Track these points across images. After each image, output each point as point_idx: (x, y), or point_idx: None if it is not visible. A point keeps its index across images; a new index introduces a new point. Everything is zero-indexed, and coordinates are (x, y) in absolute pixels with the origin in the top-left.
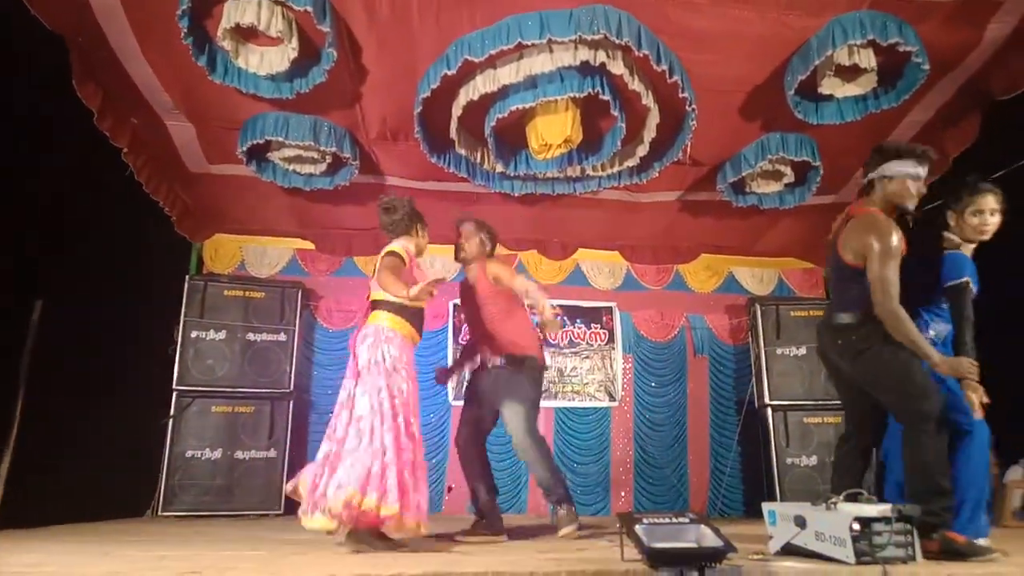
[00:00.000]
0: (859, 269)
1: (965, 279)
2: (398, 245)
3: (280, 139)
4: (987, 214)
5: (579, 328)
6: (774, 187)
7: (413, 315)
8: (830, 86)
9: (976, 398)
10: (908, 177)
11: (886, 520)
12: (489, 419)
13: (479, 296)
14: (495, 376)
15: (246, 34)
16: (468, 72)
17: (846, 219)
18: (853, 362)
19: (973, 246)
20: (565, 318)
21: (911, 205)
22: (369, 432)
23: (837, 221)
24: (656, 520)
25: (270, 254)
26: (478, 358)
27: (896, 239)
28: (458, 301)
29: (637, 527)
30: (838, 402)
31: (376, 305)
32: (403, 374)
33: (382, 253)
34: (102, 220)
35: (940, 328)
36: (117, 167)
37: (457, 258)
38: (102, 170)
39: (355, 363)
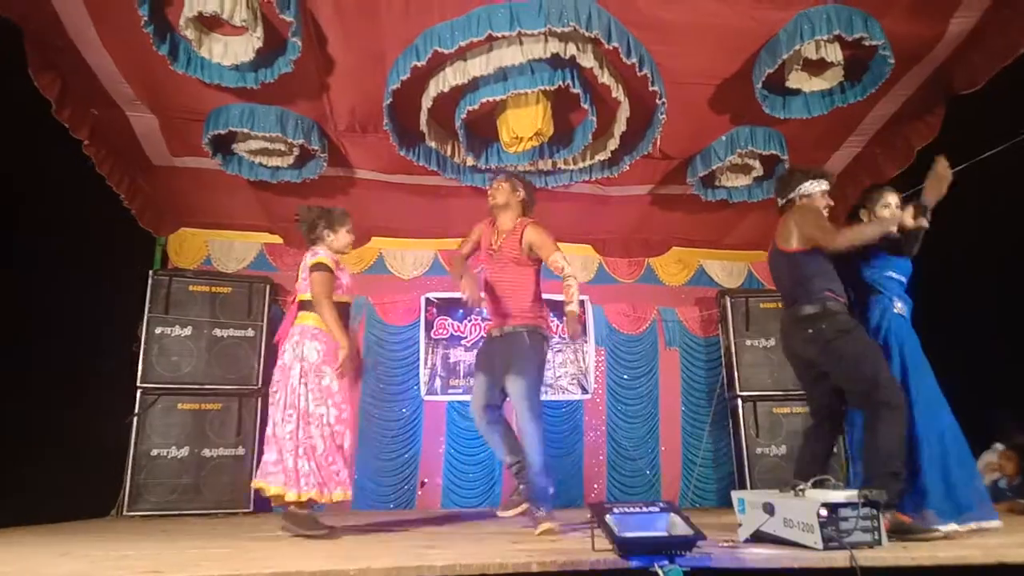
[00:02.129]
0: (806, 252)
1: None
2: (322, 255)
3: (245, 130)
4: (894, 207)
5: (552, 322)
6: (743, 180)
7: (337, 311)
8: (797, 80)
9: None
10: (821, 192)
11: (853, 505)
12: (499, 391)
13: (503, 256)
14: (503, 343)
15: (209, 23)
16: (438, 63)
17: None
18: (821, 351)
19: None
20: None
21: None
22: (294, 424)
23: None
24: (627, 510)
25: (237, 248)
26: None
27: (818, 210)
28: (430, 295)
29: (608, 517)
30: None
31: (303, 306)
32: (328, 368)
33: (309, 263)
34: (61, 214)
35: (902, 305)
36: (76, 159)
37: (490, 207)
38: (60, 162)
39: (281, 361)
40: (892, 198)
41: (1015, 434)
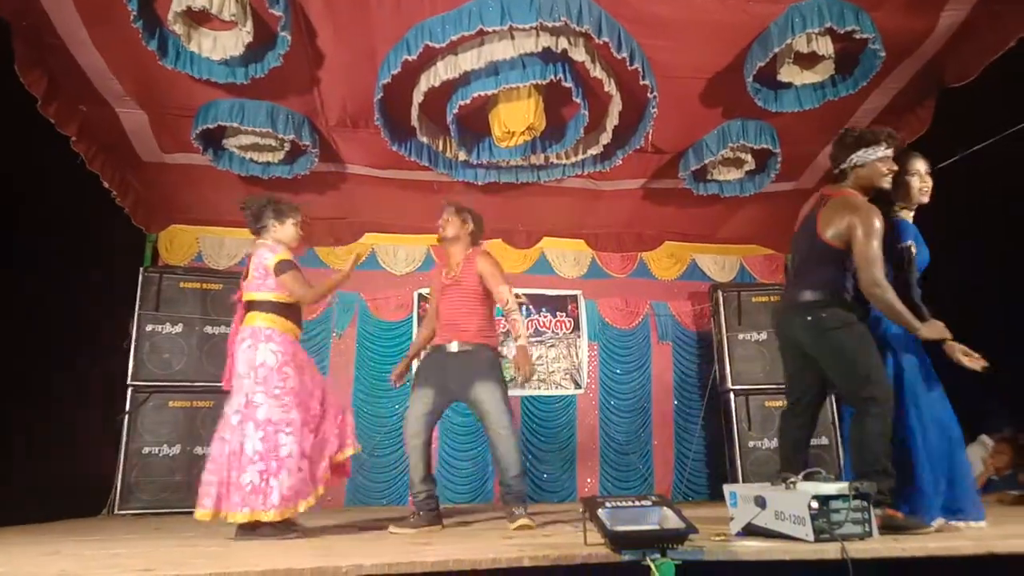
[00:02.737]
0: (838, 249)
1: (908, 243)
2: (280, 251)
3: (235, 125)
4: (920, 175)
5: (544, 316)
6: (735, 174)
7: (290, 312)
8: (789, 74)
9: (962, 355)
10: (879, 160)
11: (844, 497)
12: (444, 406)
13: (460, 287)
14: (463, 358)
15: (198, 18)
16: (429, 58)
17: (821, 201)
18: (817, 339)
19: (913, 212)
20: (530, 306)
21: (886, 185)
22: (252, 436)
23: (808, 204)
24: (619, 504)
25: (228, 245)
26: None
27: (879, 220)
28: (424, 291)
29: (600, 511)
30: None
31: (251, 306)
32: (287, 370)
33: (269, 263)
34: (50, 211)
35: None
36: (66, 156)
37: (439, 238)
38: (50, 159)
39: (234, 366)
40: (920, 165)
41: (1004, 425)
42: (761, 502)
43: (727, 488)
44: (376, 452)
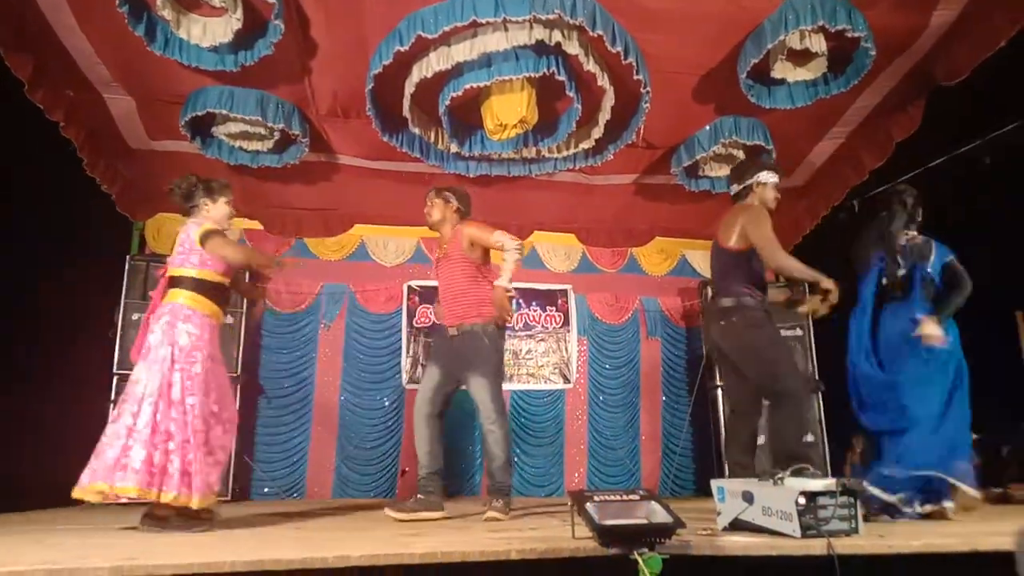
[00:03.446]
0: (741, 251)
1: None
2: (207, 224)
3: (224, 112)
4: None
5: (534, 311)
6: (726, 171)
7: (215, 292)
8: (782, 70)
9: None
10: (773, 184)
11: (831, 494)
12: (451, 386)
13: (450, 260)
14: (460, 342)
15: (187, 3)
16: (421, 49)
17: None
18: (733, 343)
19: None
20: (520, 300)
21: (773, 207)
22: (152, 416)
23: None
24: (607, 498)
25: None
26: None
27: (764, 213)
28: (412, 283)
29: (588, 505)
30: None
31: (174, 282)
32: (199, 355)
33: (195, 235)
34: (36, 197)
35: None
36: (51, 141)
37: (428, 225)
38: (34, 144)
39: (146, 341)
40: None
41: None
42: (748, 497)
43: (715, 483)
44: (363, 444)
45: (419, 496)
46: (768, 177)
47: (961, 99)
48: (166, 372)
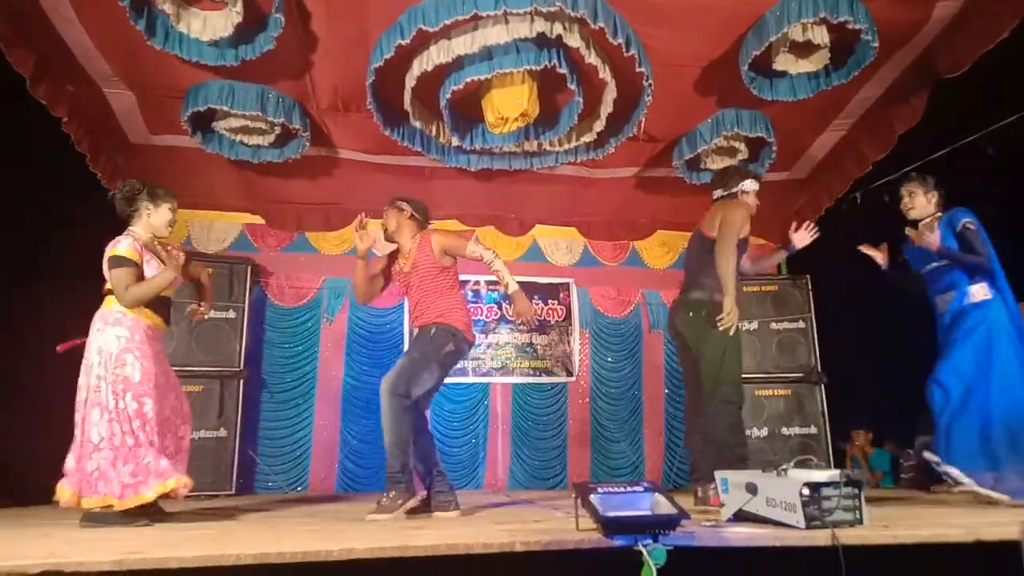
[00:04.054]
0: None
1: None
2: (121, 248)
3: (225, 108)
4: (904, 198)
5: (536, 304)
6: (728, 163)
7: (152, 301)
8: (784, 63)
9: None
10: (755, 192)
11: (835, 485)
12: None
13: (420, 270)
14: (414, 337)
15: None
16: (422, 42)
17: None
18: (695, 334)
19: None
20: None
21: (754, 212)
22: (82, 422)
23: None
24: (611, 489)
25: (218, 229)
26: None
27: (741, 215)
28: None
29: (592, 496)
30: (787, 375)
31: (108, 290)
32: (129, 357)
33: (108, 254)
34: (37, 192)
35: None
36: (50, 137)
37: (386, 238)
38: (32, 140)
39: (86, 354)
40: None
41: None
42: (752, 489)
43: (718, 474)
44: (366, 438)
45: (391, 493)
46: (751, 186)
47: (963, 91)
48: (93, 379)
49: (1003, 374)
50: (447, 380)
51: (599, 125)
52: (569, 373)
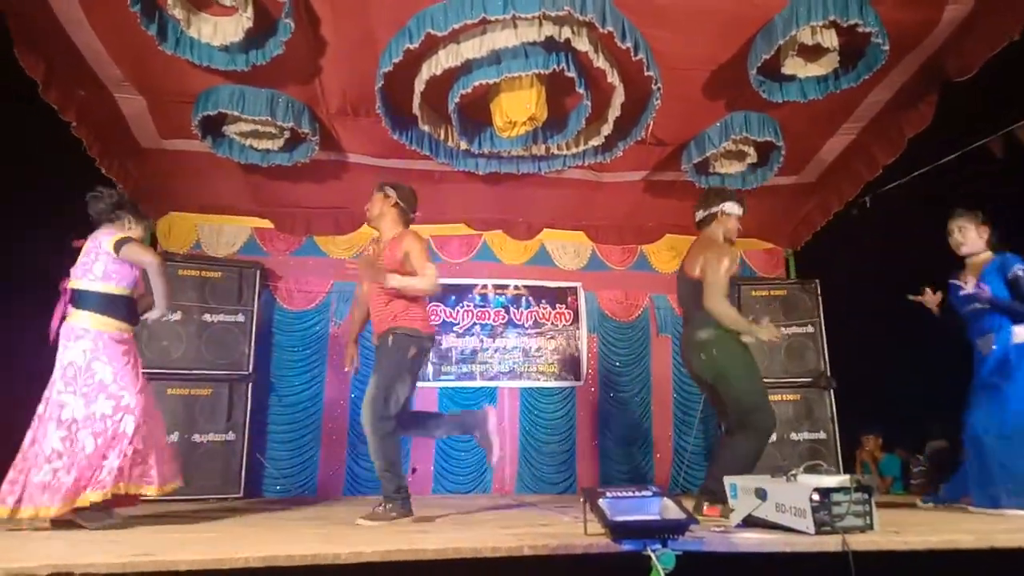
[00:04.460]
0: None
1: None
2: (126, 234)
3: (235, 113)
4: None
5: (544, 308)
6: (737, 167)
7: (115, 306)
8: (793, 66)
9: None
10: (737, 216)
11: (845, 490)
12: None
13: (382, 262)
14: (378, 350)
15: (198, 2)
16: (431, 46)
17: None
18: (712, 373)
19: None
20: (529, 297)
21: (734, 239)
22: (53, 435)
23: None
24: (619, 494)
25: (227, 233)
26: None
27: (728, 258)
28: None
29: (600, 501)
30: (796, 380)
31: (75, 297)
32: (95, 366)
33: (109, 243)
34: (47, 196)
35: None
36: (61, 141)
37: (367, 221)
38: (44, 144)
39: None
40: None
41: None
42: (762, 494)
43: (727, 480)
44: None
45: (388, 505)
46: (732, 208)
47: (972, 94)
48: (54, 393)
49: None
50: (455, 384)
51: (607, 129)
52: (577, 377)
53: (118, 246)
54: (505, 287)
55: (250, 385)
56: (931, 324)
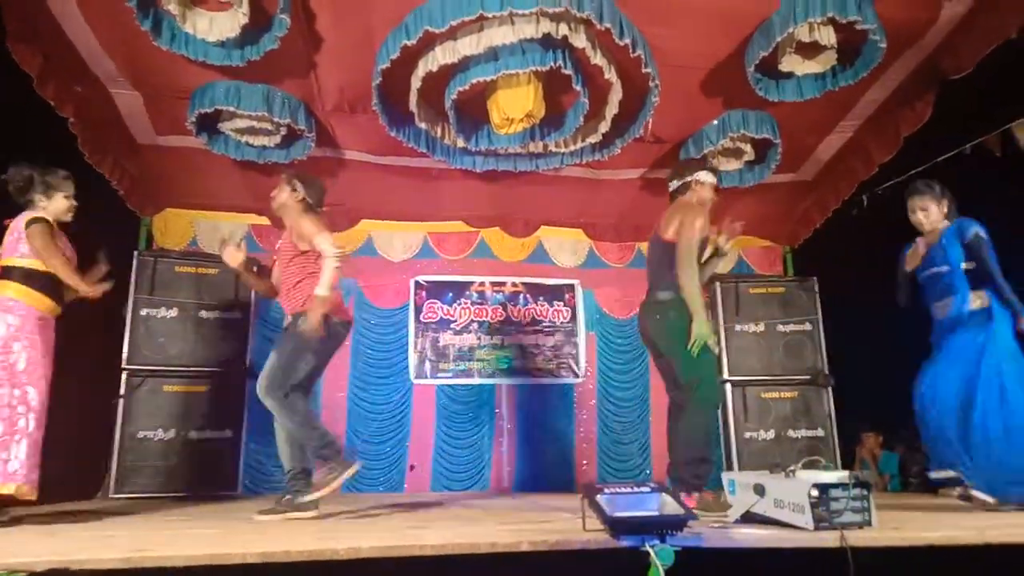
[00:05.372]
0: (675, 244)
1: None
2: (39, 213)
3: (231, 109)
4: (917, 213)
5: (542, 306)
6: (734, 165)
7: (43, 282)
8: (790, 63)
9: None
10: (711, 185)
11: (843, 486)
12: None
13: (285, 250)
14: (283, 331)
15: None
16: (427, 43)
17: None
18: (665, 336)
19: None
20: (526, 294)
21: (709, 207)
22: None
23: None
24: (618, 490)
25: (223, 229)
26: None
27: (701, 219)
28: (420, 278)
29: (599, 497)
30: (794, 377)
31: (3, 273)
32: (16, 345)
33: (22, 222)
34: None
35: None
36: (56, 136)
37: (274, 210)
38: (39, 139)
39: None
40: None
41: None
42: (760, 490)
43: (725, 476)
44: (372, 439)
45: (287, 496)
46: (706, 177)
47: (968, 92)
48: None
49: (992, 386)
50: (450, 381)
51: (605, 126)
52: (575, 375)
53: (27, 226)
54: (503, 284)
55: (247, 382)
56: (930, 320)
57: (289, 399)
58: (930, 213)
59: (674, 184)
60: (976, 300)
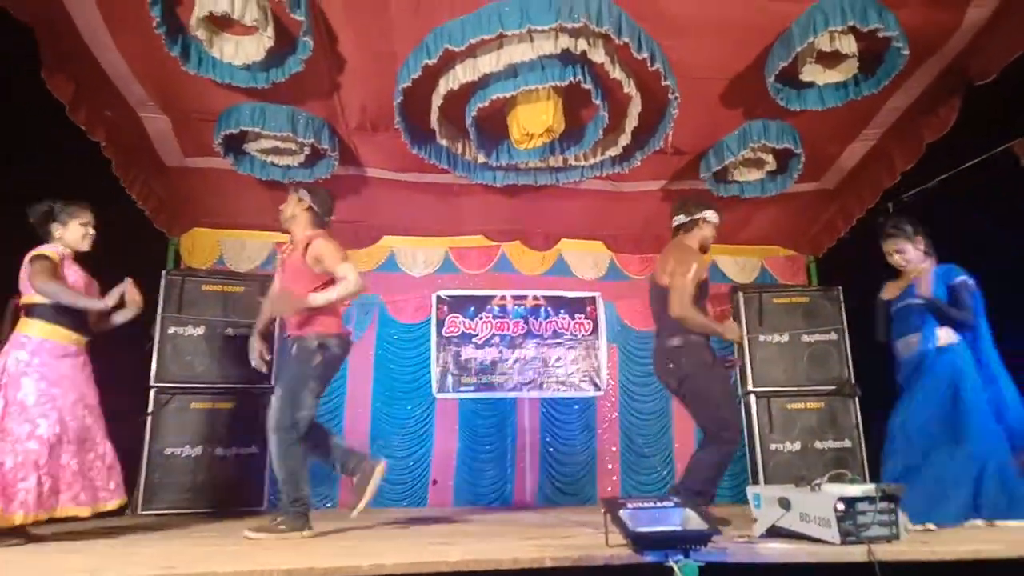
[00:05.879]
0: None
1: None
2: (44, 248)
3: (256, 130)
4: (894, 256)
5: (563, 319)
6: (756, 175)
7: (61, 315)
8: (811, 73)
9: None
10: (713, 225)
11: (870, 499)
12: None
13: (293, 267)
14: (283, 356)
15: (220, 23)
16: (448, 61)
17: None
18: (680, 382)
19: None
20: (547, 307)
21: (708, 248)
22: None
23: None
24: (640, 505)
25: (249, 248)
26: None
27: (696, 262)
28: (441, 293)
29: (621, 512)
30: (820, 388)
31: (26, 311)
32: (25, 380)
33: (28, 257)
34: None
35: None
36: (87, 160)
37: (281, 224)
38: (72, 163)
39: None
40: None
41: None
42: (786, 504)
43: (750, 490)
44: (395, 454)
45: (287, 515)
46: (712, 217)
47: (993, 98)
48: None
49: (966, 425)
50: (473, 395)
51: (625, 139)
52: (597, 388)
53: (30, 262)
54: (524, 298)
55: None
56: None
57: (293, 446)
58: (906, 253)
59: (680, 219)
60: (944, 337)
